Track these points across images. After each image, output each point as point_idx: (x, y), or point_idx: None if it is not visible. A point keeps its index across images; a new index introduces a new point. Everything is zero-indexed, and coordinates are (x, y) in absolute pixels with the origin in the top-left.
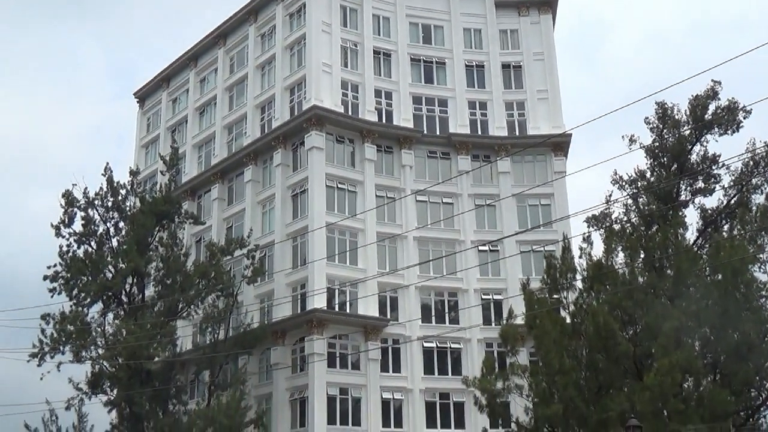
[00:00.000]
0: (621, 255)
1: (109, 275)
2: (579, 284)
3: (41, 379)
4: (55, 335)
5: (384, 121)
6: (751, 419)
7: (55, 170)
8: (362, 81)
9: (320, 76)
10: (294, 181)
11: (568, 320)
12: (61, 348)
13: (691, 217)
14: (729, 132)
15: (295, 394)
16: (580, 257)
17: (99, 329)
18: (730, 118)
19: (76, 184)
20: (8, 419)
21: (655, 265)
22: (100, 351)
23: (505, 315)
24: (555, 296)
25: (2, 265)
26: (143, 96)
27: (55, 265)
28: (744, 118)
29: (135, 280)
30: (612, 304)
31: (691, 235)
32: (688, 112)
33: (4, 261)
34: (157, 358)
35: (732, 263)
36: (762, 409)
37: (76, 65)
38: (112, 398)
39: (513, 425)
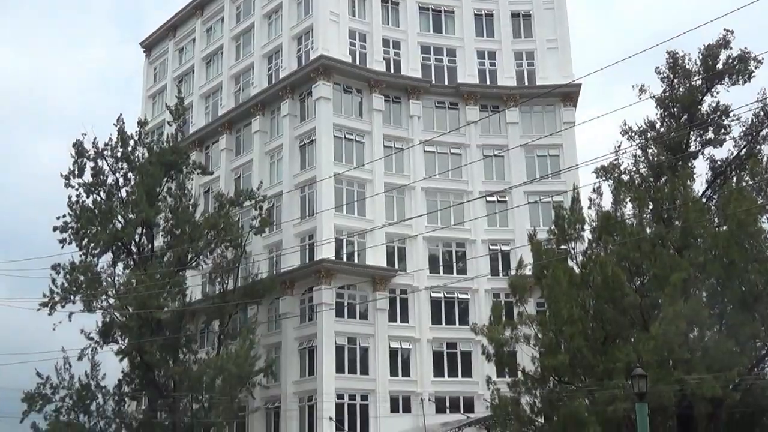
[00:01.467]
0: (629, 206)
1: (119, 226)
2: (587, 235)
3: (53, 329)
4: (66, 285)
5: (392, 71)
6: (755, 369)
7: (62, 118)
8: (370, 30)
9: (327, 26)
10: (302, 131)
11: (576, 271)
12: (72, 298)
13: (701, 168)
14: (740, 82)
15: (303, 343)
16: (589, 208)
17: (109, 279)
18: (741, 68)
19: (85, 134)
20: (22, 368)
21: (664, 217)
22: (111, 301)
23: (513, 265)
24: (563, 247)
25: (12, 216)
26: (150, 46)
27: (64, 216)
28: (755, 68)
29: (144, 230)
30: (620, 255)
31: (700, 187)
32: (699, 62)
33: (13, 211)
34: (166, 308)
35: (740, 214)
36: (766, 359)
37: (80, 8)
38: (124, 347)
39: (520, 374)
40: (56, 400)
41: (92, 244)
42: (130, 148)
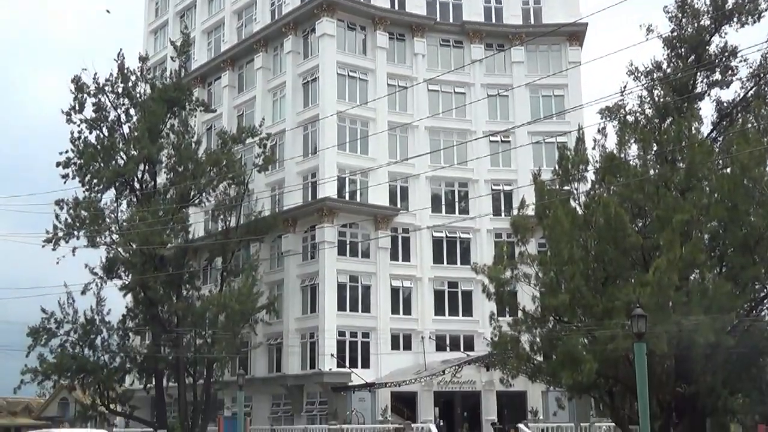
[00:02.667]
0: (634, 147)
1: (121, 162)
2: (590, 176)
3: (57, 263)
4: (69, 221)
5: (396, 7)
6: (754, 311)
7: (63, 53)
8: None
9: None
10: (305, 68)
11: (579, 211)
12: (76, 233)
13: (707, 110)
14: (750, 22)
15: (306, 280)
16: (593, 149)
17: (112, 216)
18: (751, 8)
19: (85, 69)
20: (28, 302)
21: (668, 158)
22: (114, 237)
23: (515, 206)
24: (566, 187)
25: (15, 151)
26: None
27: (67, 152)
28: (766, 8)
29: (147, 167)
30: (623, 196)
31: (705, 128)
32: (708, 1)
33: (16, 146)
34: (169, 245)
35: (744, 157)
36: (766, 301)
37: None
38: (127, 283)
39: (520, 313)
40: (61, 335)
41: (95, 180)
42: (131, 84)
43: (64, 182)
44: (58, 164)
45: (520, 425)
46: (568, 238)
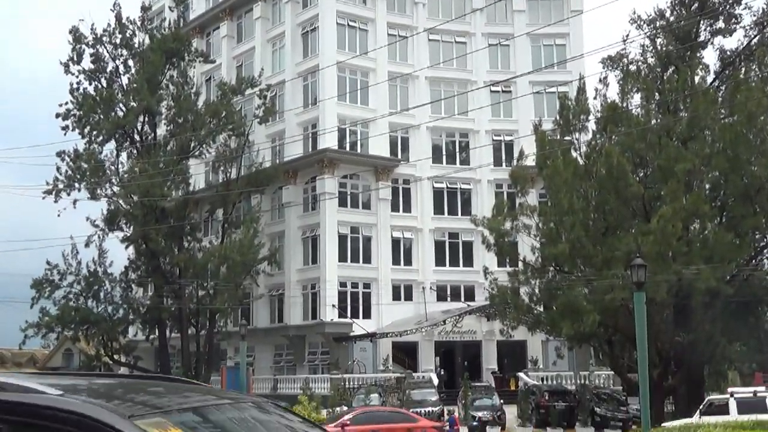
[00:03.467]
0: (636, 97)
1: (121, 114)
2: (592, 126)
3: (58, 215)
4: (70, 172)
5: None
6: (754, 261)
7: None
8: None
9: None
10: (304, 18)
11: (580, 162)
12: (77, 185)
13: (709, 58)
14: None
15: (306, 232)
16: (595, 98)
17: (112, 168)
18: None
19: (83, 20)
20: (31, 255)
21: (670, 108)
22: (115, 189)
23: (516, 156)
24: (567, 138)
25: (14, 103)
26: None
27: (66, 103)
28: None
29: (146, 118)
30: (624, 145)
31: (708, 77)
32: None
33: (16, 98)
34: (170, 197)
35: (747, 105)
36: (765, 251)
37: None
38: (129, 235)
39: (520, 264)
40: (64, 286)
41: (94, 132)
42: (129, 34)
43: (64, 134)
44: (57, 116)
45: (520, 374)
46: (569, 188)
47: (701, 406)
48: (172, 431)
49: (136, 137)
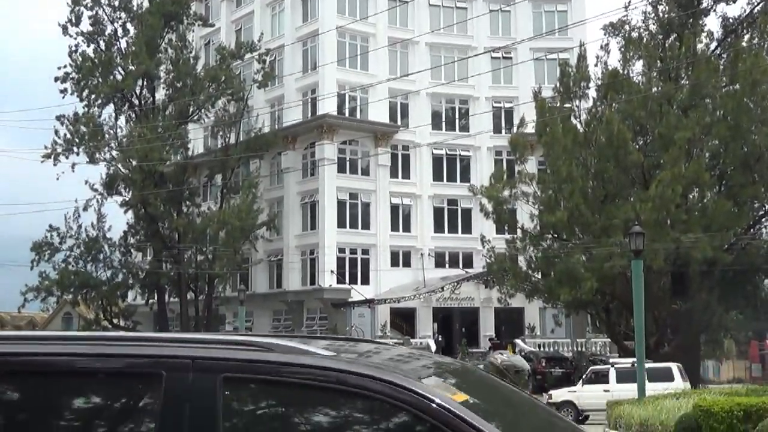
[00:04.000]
0: (637, 64)
1: (119, 77)
2: (592, 94)
3: (57, 179)
4: (69, 136)
5: None
6: (752, 230)
7: None
8: None
9: None
10: None
11: (580, 129)
12: (75, 149)
13: (712, 26)
14: None
15: (305, 198)
16: (596, 65)
17: (111, 132)
18: None
19: None
20: (31, 219)
21: (671, 75)
22: (114, 153)
23: (515, 123)
24: (567, 105)
25: (13, 66)
26: None
27: (65, 66)
28: None
29: (145, 82)
30: (625, 113)
31: (710, 45)
32: None
33: (14, 59)
34: (169, 161)
35: (750, 73)
36: (763, 220)
37: None
38: (128, 199)
39: (518, 231)
40: (64, 250)
41: (93, 96)
42: None
43: (63, 97)
44: (56, 79)
45: (517, 341)
46: (568, 156)
47: (584, 376)
48: (457, 393)
49: (135, 101)
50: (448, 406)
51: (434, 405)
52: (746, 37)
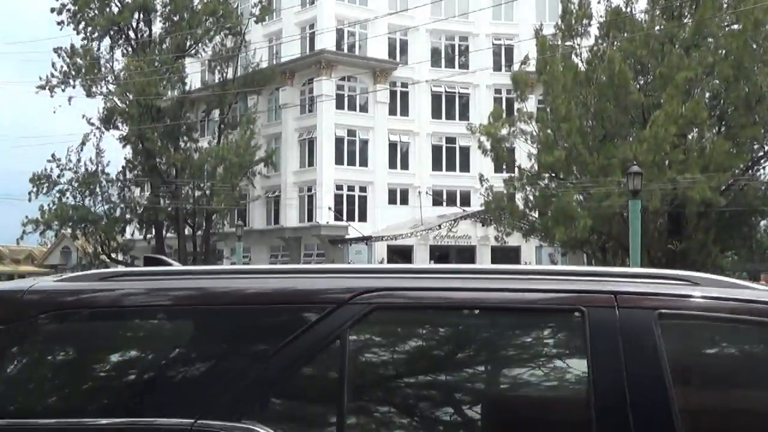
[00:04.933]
0: (641, 1)
1: (116, 10)
2: (594, 32)
3: (54, 112)
4: (65, 68)
5: None
6: (750, 171)
7: None
8: None
9: None
10: None
11: (581, 68)
12: (72, 81)
13: None
14: None
15: (303, 134)
16: (599, 2)
17: (108, 65)
18: None
19: None
20: (29, 152)
21: (674, 13)
22: (111, 87)
23: (516, 61)
24: (568, 43)
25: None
26: None
27: None
28: None
29: (142, 15)
30: (627, 51)
31: None
32: None
33: None
34: (166, 96)
35: (753, 12)
36: (762, 161)
37: None
38: (125, 134)
39: (516, 170)
40: (62, 183)
41: (89, 28)
42: None
43: (60, 29)
44: (52, 10)
45: None
46: (568, 95)
47: None
48: None
49: (132, 35)
50: None
51: None
52: None
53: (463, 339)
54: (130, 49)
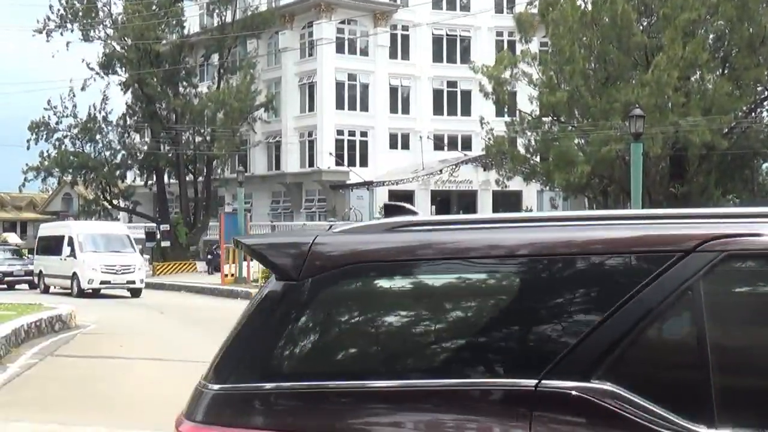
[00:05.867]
0: None
1: None
2: None
3: (53, 57)
4: (62, 12)
5: None
6: (753, 113)
7: None
8: None
9: None
10: None
11: (586, 7)
12: (69, 25)
13: None
14: None
15: (303, 78)
16: None
17: (106, 9)
18: None
19: None
20: (28, 98)
21: None
22: (109, 32)
23: (518, 2)
24: None
25: None
26: None
27: None
28: None
29: None
30: None
31: None
32: None
33: None
34: (165, 40)
35: None
36: (766, 103)
37: None
38: (125, 80)
39: (518, 114)
40: (62, 130)
41: None
42: None
43: None
44: None
45: None
46: (571, 36)
47: None
48: None
49: None
50: None
51: None
52: None
53: None
54: None
